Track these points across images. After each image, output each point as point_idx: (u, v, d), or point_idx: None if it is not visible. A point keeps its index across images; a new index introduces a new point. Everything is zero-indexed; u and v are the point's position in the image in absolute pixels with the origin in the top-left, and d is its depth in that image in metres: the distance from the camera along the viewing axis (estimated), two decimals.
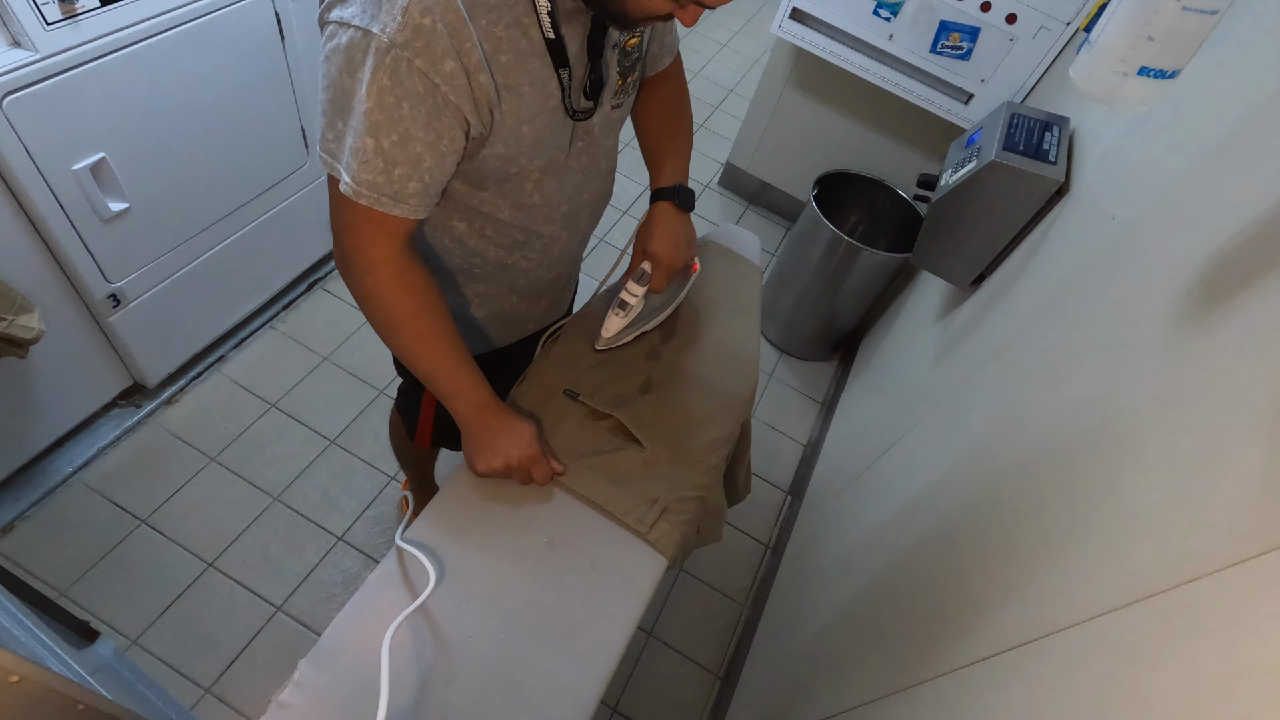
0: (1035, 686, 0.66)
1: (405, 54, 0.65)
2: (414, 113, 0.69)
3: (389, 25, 0.64)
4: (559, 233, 0.97)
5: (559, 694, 0.79)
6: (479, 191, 0.87)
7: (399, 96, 0.67)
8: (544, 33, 0.73)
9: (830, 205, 2.21)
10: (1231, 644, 0.49)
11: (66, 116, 1.29)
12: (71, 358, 1.58)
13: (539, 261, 1.00)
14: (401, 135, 0.69)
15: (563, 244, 1.00)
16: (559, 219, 0.95)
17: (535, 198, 0.90)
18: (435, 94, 0.69)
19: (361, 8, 0.66)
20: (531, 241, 0.96)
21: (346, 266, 0.81)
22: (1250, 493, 0.53)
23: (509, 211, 0.90)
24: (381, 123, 0.68)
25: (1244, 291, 0.67)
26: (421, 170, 0.73)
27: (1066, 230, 1.22)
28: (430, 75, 0.67)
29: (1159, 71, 0.65)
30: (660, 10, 0.71)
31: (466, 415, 0.89)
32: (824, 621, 1.32)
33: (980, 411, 1.14)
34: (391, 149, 0.70)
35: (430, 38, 0.65)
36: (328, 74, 0.69)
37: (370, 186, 0.71)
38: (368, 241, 0.77)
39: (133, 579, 1.58)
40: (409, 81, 0.67)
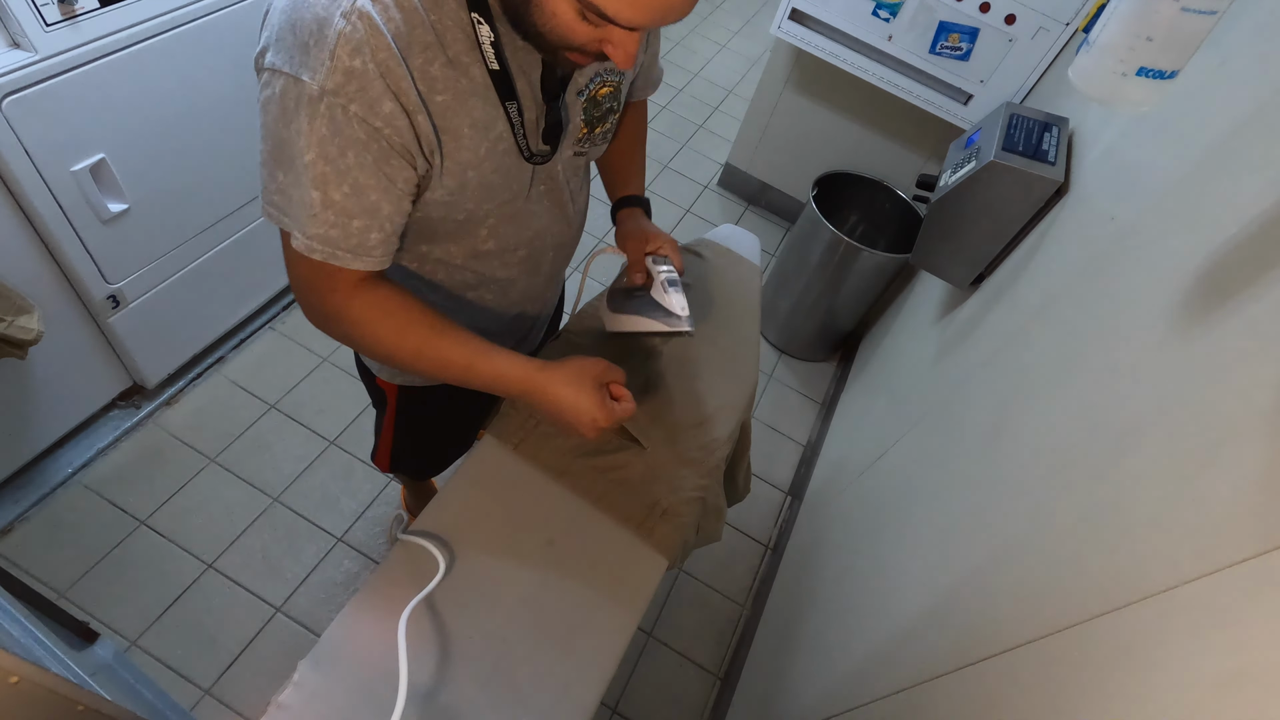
0: (1035, 686, 0.66)
1: (339, 100, 0.61)
2: (360, 160, 0.64)
3: (318, 72, 0.60)
4: (517, 276, 0.93)
5: (559, 694, 0.79)
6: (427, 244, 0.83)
7: (341, 146, 0.63)
8: (488, 64, 0.68)
9: (830, 206, 2.21)
10: (1231, 644, 0.49)
11: (66, 117, 1.29)
12: (71, 359, 1.58)
13: (496, 302, 0.95)
14: (353, 186, 0.66)
15: (522, 286, 0.95)
16: (517, 263, 0.91)
17: (490, 244, 0.86)
18: (378, 138, 0.64)
19: (290, 54, 0.61)
20: (486, 284, 0.92)
21: (315, 319, 0.77)
22: (1250, 492, 0.53)
23: (461, 257, 0.86)
24: (329, 174, 0.64)
25: (1243, 291, 0.67)
26: (381, 219, 0.69)
27: (1066, 231, 1.22)
28: (369, 120, 0.63)
29: (1158, 72, 0.65)
30: (576, 37, 0.63)
31: (520, 399, 0.83)
32: (823, 622, 1.32)
33: (979, 412, 1.14)
34: (345, 201, 0.66)
35: (363, 80, 0.61)
36: (265, 124, 0.65)
37: (324, 241, 0.68)
38: (328, 291, 0.73)
39: (132, 580, 1.58)
40: (348, 129, 0.63)
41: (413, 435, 1.20)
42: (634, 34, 0.63)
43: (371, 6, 0.60)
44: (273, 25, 0.63)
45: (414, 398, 1.09)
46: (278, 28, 0.62)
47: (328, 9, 0.60)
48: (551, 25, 0.62)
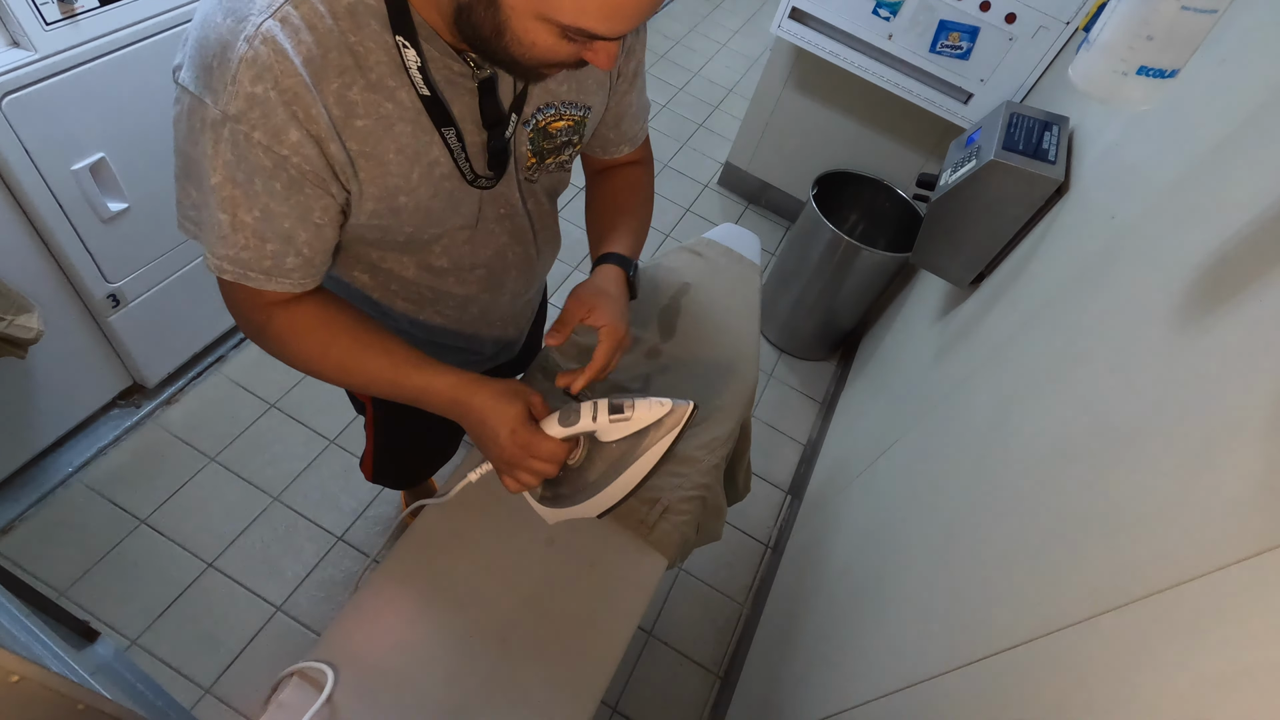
0: (1035, 685, 0.66)
1: (241, 128, 0.58)
2: (268, 187, 0.62)
3: (220, 95, 0.57)
4: (476, 294, 0.90)
5: (559, 693, 0.79)
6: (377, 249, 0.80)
7: (248, 173, 0.61)
8: (418, 89, 0.65)
9: (830, 205, 2.21)
10: (1231, 643, 0.49)
11: (66, 116, 1.29)
12: (71, 358, 1.58)
13: (456, 319, 0.93)
14: (264, 211, 0.63)
15: (483, 304, 0.92)
16: (475, 280, 0.88)
17: (443, 261, 0.83)
18: (285, 166, 0.61)
19: (196, 73, 0.59)
20: (443, 299, 0.89)
21: (245, 332, 0.75)
22: (1249, 492, 0.53)
23: (414, 271, 0.84)
24: (237, 198, 0.62)
25: (1243, 291, 0.67)
26: (297, 244, 0.66)
27: (1066, 230, 1.22)
28: (274, 148, 0.60)
29: (1158, 71, 0.65)
30: (556, 55, 0.60)
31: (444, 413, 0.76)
32: (824, 620, 1.32)
33: (979, 411, 1.14)
34: (256, 224, 0.64)
35: (265, 108, 0.58)
36: (175, 139, 0.63)
37: (234, 262, 0.65)
38: (249, 309, 0.71)
39: (133, 579, 1.58)
40: (252, 156, 0.60)
41: (391, 444, 1.19)
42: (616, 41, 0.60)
43: (280, 30, 0.57)
44: (188, 39, 0.60)
45: (390, 407, 1.05)
46: (190, 43, 0.60)
47: (232, 31, 0.57)
48: (530, 52, 0.60)
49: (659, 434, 0.72)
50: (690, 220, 2.79)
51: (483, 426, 0.73)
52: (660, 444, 0.72)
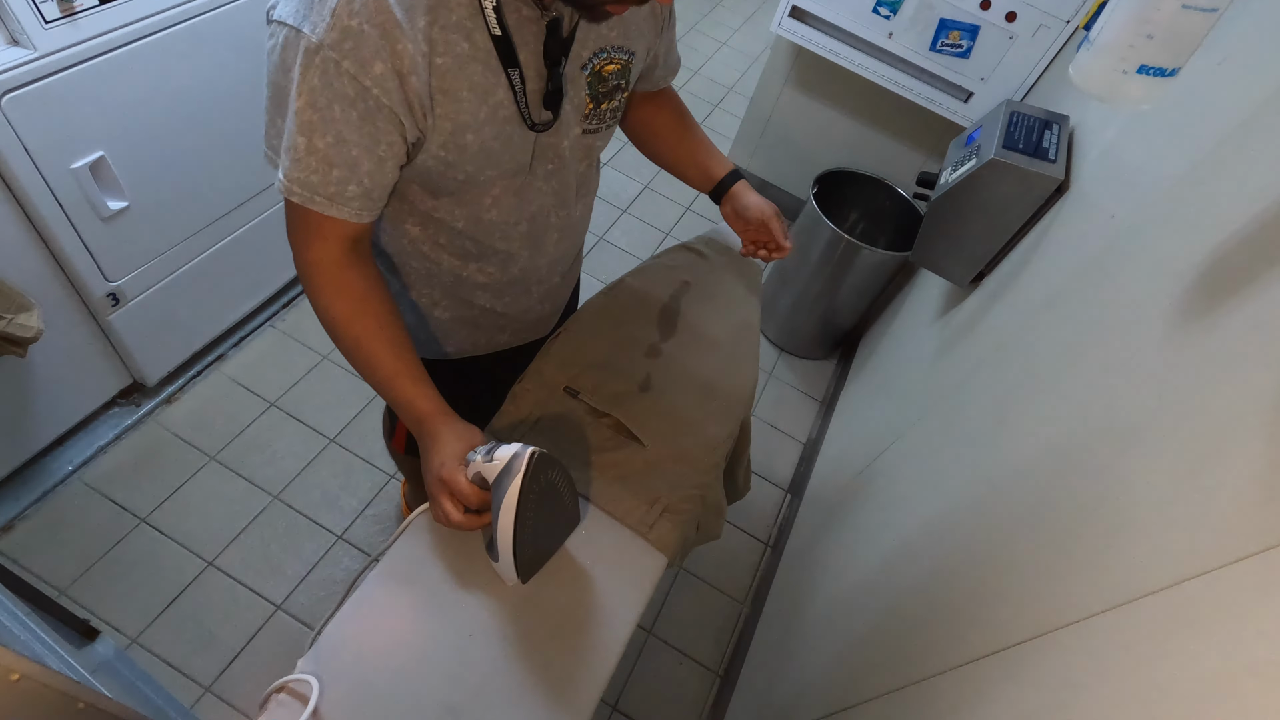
0: (1035, 684, 0.66)
1: (333, 55, 0.64)
2: (346, 115, 0.67)
3: (318, 26, 0.64)
4: (518, 251, 0.95)
5: (559, 692, 0.79)
6: (433, 198, 0.85)
7: (329, 99, 0.66)
8: (490, 29, 0.70)
9: (830, 203, 2.21)
10: (1231, 642, 0.49)
11: (65, 115, 1.29)
12: (71, 356, 1.58)
13: (497, 277, 0.97)
14: (336, 137, 0.68)
15: (523, 263, 0.97)
16: (518, 237, 0.93)
17: (493, 213, 0.87)
18: (366, 97, 0.67)
19: (295, 7, 0.65)
20: (487, 255, 0.93)
21: (296, 265, 0.79)
22: (1249, 491, 0.54)
23: (464, 222, 0.88)
24: (315, 123, 0.67)
25: (1244, 290, 0.67)
26: (360, 174, 0.71)
27: (1066, 229, 1.22)
28: (360, 78, 0.66)
29: (1159, 69, 0.65)
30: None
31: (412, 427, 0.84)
32: (824, 619, 1.32)
33: (979, 409, 1.14)
34: (327, 150, 0.69)
35: (358, 40, 0.64)
36: (269, 71, 0.69)
37: (303, 185, 0.70)
38: (303, 243, 0.76)
39: (132, 578, 1.58)
40: (338, 84, 0.66)
41: None
42: None
43: None
44: None
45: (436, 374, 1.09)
46: None
47: None
48: None
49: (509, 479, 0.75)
50: (690, 219, 2.79)
51: (427, 455, 0.81)
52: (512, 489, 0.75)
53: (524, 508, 0.76)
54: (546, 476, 0.79)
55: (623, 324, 1.12)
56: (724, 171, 1.06)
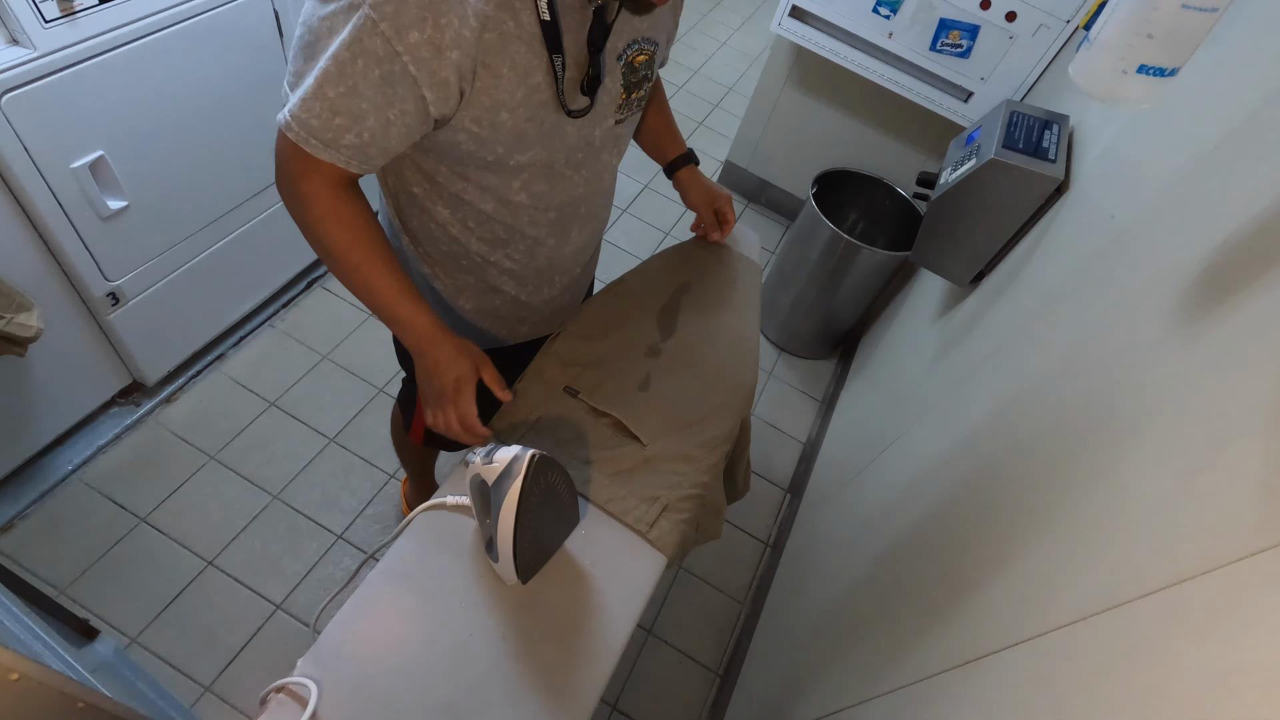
0: (1034, 684, 0.66)
1: (372, 15, 0.65)
2: (367, 71, 0.68)
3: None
4: (545, 237, 0.97)
5: (559, 692, 0.79)
6: (461, 179, 0.86)
7: (355, 52, 0.67)
8: (540, 14, 0.72)
9: (830, 203, 2.21)
10: (1230, 641, 0.49)
11: (65, 114, 1.29)
12: (70, 356, 1.58)
13: (523, 264, 0.99)
14: (349, 89, 0.69)
15: (549, 250, 0.99)
16: (546, 224, 0.94)
17: (521, 196, 0.89)
18: (394, 60, 0.68)
19: None
20: (515, 240, 0.95)
21: (284, 195, 0.81)
22: (1248, 490, 0.54)
23: (492, 205, 0.90)
24: (332, 73, 0.68)
25: (1243, 290, 0.67)
26: (362, 127, 0.72)
27: (1066, 228, 1.22)
28: (393, 42, 0.67)
29: (1158, 69, 0.65)
30: None
31: (411, 345, 0.89)
32: (823, 619, 1.32)
33: (979, 409, 1.14)
34: (336, 98, 0.70)
35: (400, 5, 0.65)
36: (305, 17, 0.70)
37: (302, 125, 0.72)
38: (300, 174, 0.77)
39: (132, 577, 1.58)
40: (369, 41, 0.67)
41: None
42: None
43: None
44: None
45: None
46: None
47: None
48: None
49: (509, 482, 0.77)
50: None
51: (433, 368, 0.88)
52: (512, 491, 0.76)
53: (524, 509, 0.76)
54: (546, 478, 0.79)
55: (624, 323, 1.12)
56: (675, 153, 1.18)
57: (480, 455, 0.81)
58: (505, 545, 0.78)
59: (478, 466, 0.81)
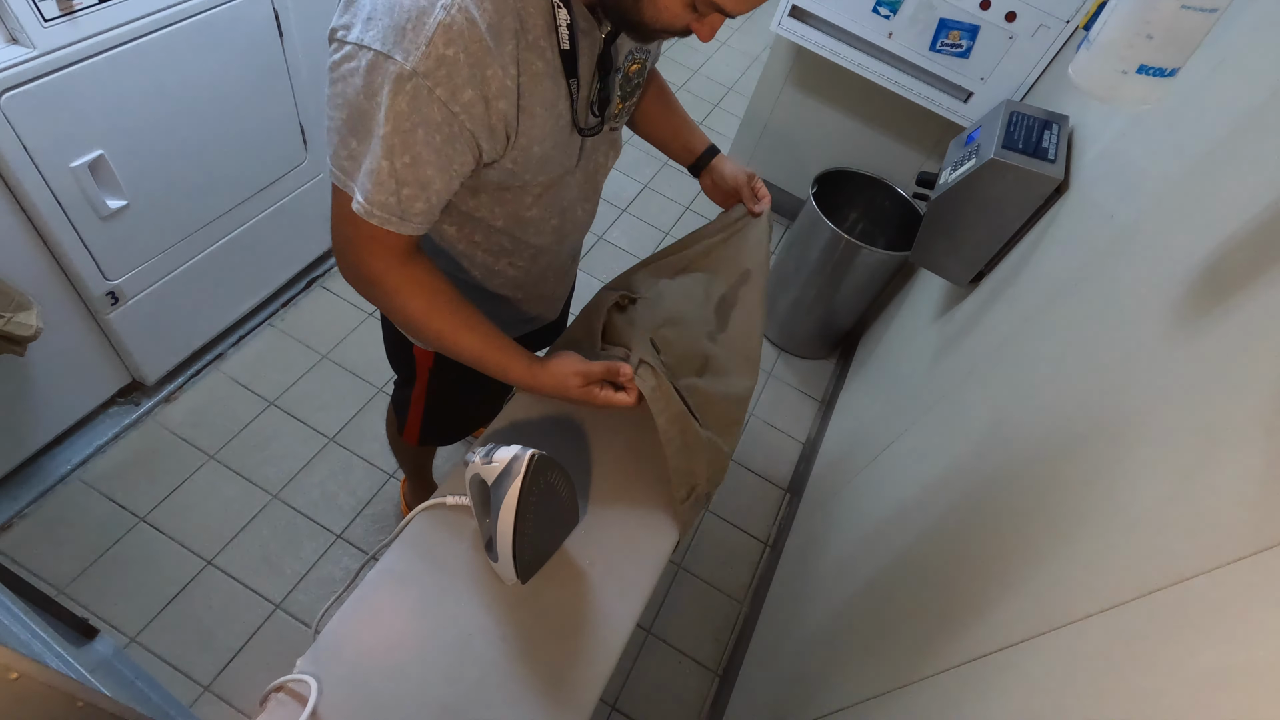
0: (1033, 683, 0.66)
1: (426, 83, 0.66)
2: (429, 138, 0.69)
3: (412, 54, 0.64)
4: (549, 245, 0.99)
5: (558, 691, 0.79)
6: (474, 197, 0.87)
7: (415, 122, 0.68)
8: (560, 45, 0.74)
9: (829, 203, 2.21)
10: (1229, 641, 0.49)
11: (64, 113, 1.28)
12: (70, 355, 1.58)
13: (526, 270, 1.01)
14: (414, 158, 0.70)
15: (549, 258, 1.02)
16: (550, 231, 0.96)
17: (533, 210, 0.91)
18: (453, 122, 0.69)
19: (383, 33, 0.65)
20: (520, 250, 0.97)
21: (354, 279, 0.83)
22: (1248, 490, 0.54)
23: (503, 220, 0.91)
24: (396, 146, 0.69)
25: (1242, 290, 0.67)
26: (430, 192, 0.74)
27: (1065, 229, 1.22)
28: (449, 104, 0.68)
29: (1158, 70, 0.65)
30: (679, 23, 0.71)
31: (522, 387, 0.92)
32: (822, 619, 1.32)
33: (979, 409, 1.14)
34: (403, 170, 0.70)
35: (452, 68, 0.66)
36: (343, 93, 0.69)
37: (382, 207, 0.72)
38: (370, 256, 0.79)
39: (131, 576, 1.58)
40: (427, 109, 0.67)
41: (447, 400, 1.23)
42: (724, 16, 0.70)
43: (471, 1, 0.65)
44: (360, 5, 0.67)
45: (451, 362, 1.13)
46: (371, 7, 0.66)
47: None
48: (659, 17, 0.70)
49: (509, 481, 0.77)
50: (690, 218, 2.79)
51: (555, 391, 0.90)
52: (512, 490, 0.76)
53: (523, 509, 0.76)
54: (545, 478, 0.79)
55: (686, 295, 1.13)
56: (703, 147, 1.16)
57: (480, 455, 0.81)
58: (505, 545, 0.78)
59: (477, 466, 0.81)
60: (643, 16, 0.70)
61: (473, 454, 0.83)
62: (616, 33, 0.79)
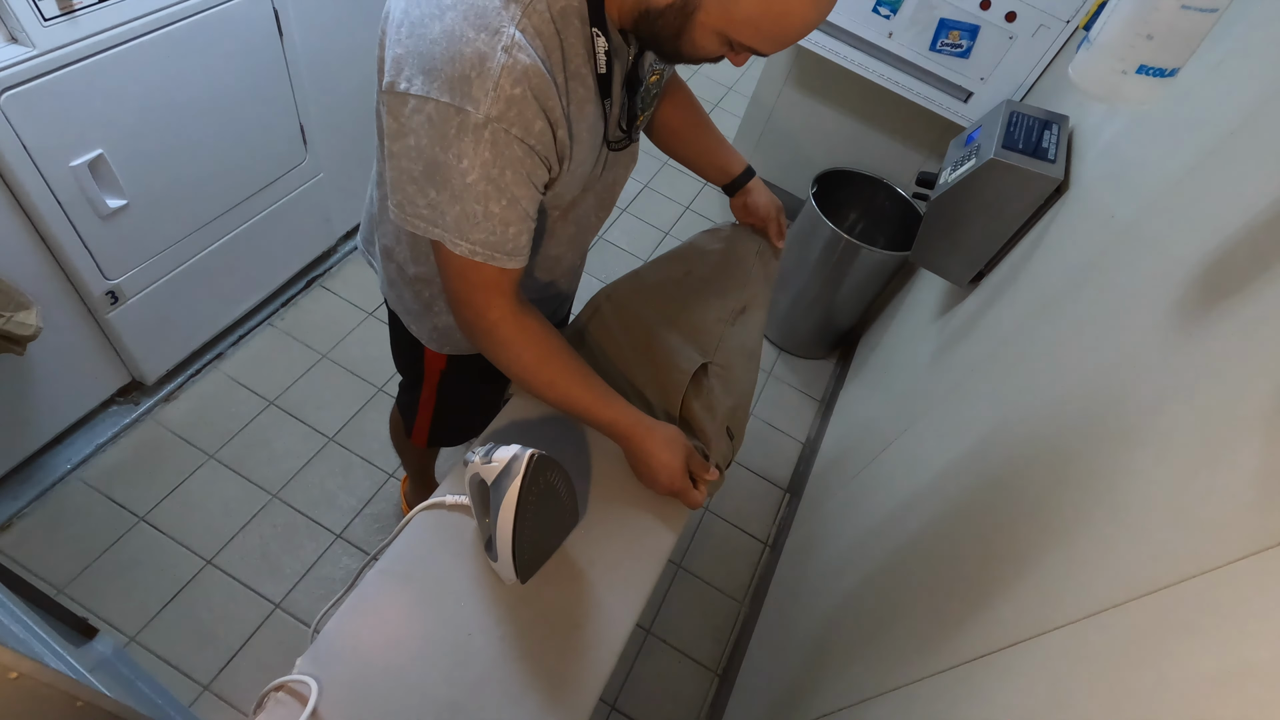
0: (1033, 683, 0.66)
1: (502, 126, 0.67)
2: (517, 176, 0.72)
3: (483, 102, 0.66)
4: (564, 253, 1.00)
5: (558, 691, 0.79)
6: None
7: (502, 166, 0.70)
8: (597, 69, 0.75)
9: (829, 203, 2.21)
10: (1228, 641, 0.49)
11: (64, 113, 1.28)
12: (69, 355, 1.58)
13: (540, 277, 1.03)
14: (510, 199, 0.72)
15: (566, 262, 1.03)
16: (566, 240, 0.98)
17: (556, 224, 0.93)
18: (531, 155, 0.72)
19: (448, 84, 0.66)
20: (535, 257, 0.98)
21: (468, 331, 0.84)
22: (1248, 490, 0.54)
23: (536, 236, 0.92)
24: (490, 192, 0.71)
25: (1242, 290, 0.67)
26: (529, 222, 0.76)
27: (1065, 229, 1.22)
28: (526, 139, 0.70)
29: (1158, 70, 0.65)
30: (713, 55, 0.73)
31: (621, 443, 0.93)
32: (822, 619, 1.32)
33: (978, 410, 1.14)
34: (504, 212, 0.73)
35: (521, 106, 0.67)
36: (414, 145, 0.70)
37: (485, 245, 0.74)
38: (485, 304, 0.80)
39: (131, 576, 1.58)
40: (509, 150, 0.69)
41: (456, 402, 1.23)
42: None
43: (524, 38, 0.66)
44: (415, 55, 0.68)
45: (463, 364, 1.14)
46: (426, 57, 0.67)
47: (489, 44, 0.65)
48: (694, 52, 0.72)
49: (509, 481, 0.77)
50: (689, 218, 2.79)
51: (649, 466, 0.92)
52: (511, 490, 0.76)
53: (523, 509, 0.76)
54: (545, 478, 0.79)
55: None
56: (740, 169, 1.18)
57: (479, 454, 0.81)
58: (504, 545, 0.78)
59: (477, 466, 0.81)
60: (679, 49, 0.72)
61: (472, 454, 0.83)
62: (643, 50, 0.81)
